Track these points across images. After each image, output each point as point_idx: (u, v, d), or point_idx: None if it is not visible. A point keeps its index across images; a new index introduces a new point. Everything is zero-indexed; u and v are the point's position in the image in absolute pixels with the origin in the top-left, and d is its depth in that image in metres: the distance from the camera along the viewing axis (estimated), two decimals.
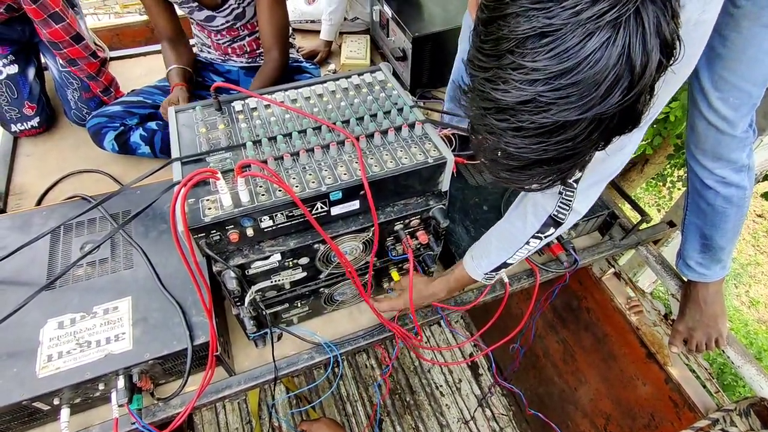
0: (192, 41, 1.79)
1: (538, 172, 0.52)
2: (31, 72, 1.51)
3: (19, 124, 1.48)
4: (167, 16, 1.36)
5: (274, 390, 2.21)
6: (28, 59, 1.51)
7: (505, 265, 0.93)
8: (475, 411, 2.17)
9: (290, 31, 1.55)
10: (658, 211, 4.09)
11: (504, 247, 0.92)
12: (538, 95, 0.43)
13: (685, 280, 1.19)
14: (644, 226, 1.26)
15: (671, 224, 1.35)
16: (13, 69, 1.46)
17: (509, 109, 0.46)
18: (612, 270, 1.44)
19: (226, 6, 1.30)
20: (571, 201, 0.81)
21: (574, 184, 0.79)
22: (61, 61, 1.46)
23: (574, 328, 1.68)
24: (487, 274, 0.95)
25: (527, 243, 0.89)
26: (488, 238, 0.95)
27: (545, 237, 0.88)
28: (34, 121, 1.50)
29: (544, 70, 0.42)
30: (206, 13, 1.32)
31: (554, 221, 0.85)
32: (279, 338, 1.03)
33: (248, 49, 1.50)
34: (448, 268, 1.15)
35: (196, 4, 1.29)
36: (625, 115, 0.46)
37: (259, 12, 1.28)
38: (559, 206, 0.83)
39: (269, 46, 1.31)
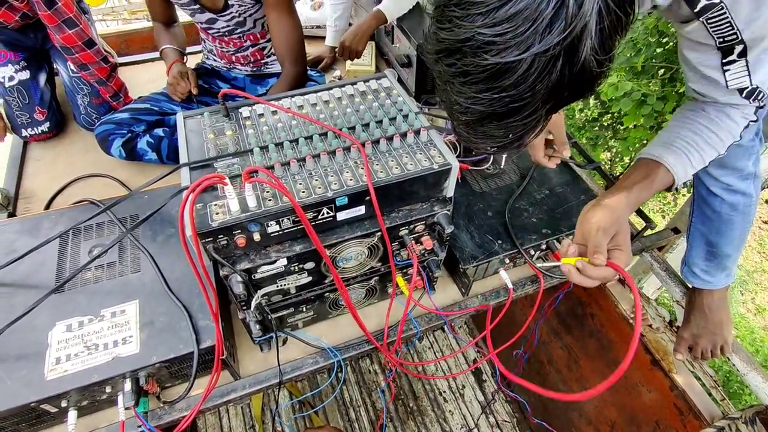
0: (198, 47, 1.81)
1: (491, 129, 0.53)
2: (42, 78, 1.54)
3: (29, 129, 1.51)
4: (165, 5, 1.42)
5: (278, 395, 2.21)
6: (39, 65, 1.54)
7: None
8: (479, 418, 2.16)
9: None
10: (663, 217, 4.08)
11: (716, 142, 0.81)
12: (477, 32, 0.45)
13: (690, 287, 1.19)
14: (649, 232, 1.26)
15: (676, 231, 1.35)
16: (25, 75, 1.49)
17: (454, 51, 0.47)
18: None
19: (227, 12, 1.32)
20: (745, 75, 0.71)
21: (737, 59, 0.69)
22: (72, 67, 1.49)
23: (579, 335, 1.67)
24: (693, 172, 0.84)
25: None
26: (688, 131, 0.82)
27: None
28: (44, 126, 1.52)
29: (481, 3, 0.44)
30: (208, 15, 1.34)
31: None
32: (284, 342, 1.04)
33: (252, 59, 1.52)
34: (452, 273, 1.16)
35: (198, 6, 1.31)
36: (573, 70, 0.47)
37: (271, 30, 1.31)
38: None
39: (281, 59, 1.34)
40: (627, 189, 0.80)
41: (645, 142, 2.63)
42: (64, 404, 0.83)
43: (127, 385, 0.83)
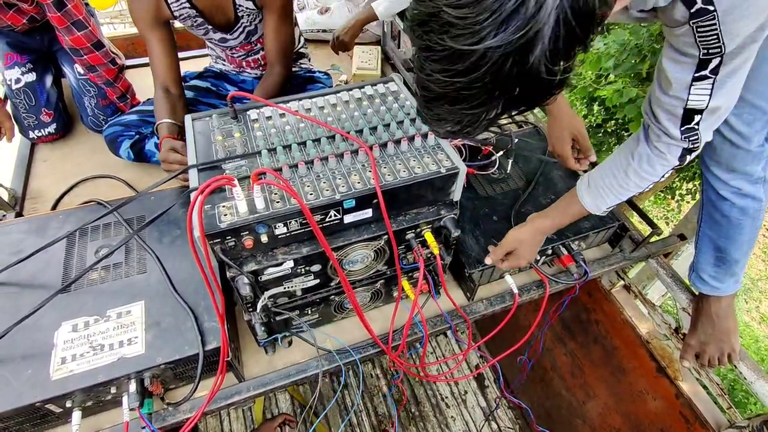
0: (205, 51, 1.82)
1: (443, 112, 0.56)
2: (49, 80, 1.55)
3: (36, 131, 1.52)
4: (169, 62, 1.28)
5: (279, 398, 2.20)
6: (45, 67, 1.55)
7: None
8: (482, 425, 2.15)
9: (300, 44, 1.58)
10: (667, 224, 4.06)
11: (631, 185, 0.90)
12: (443, 10, 0.46)
13: (697, 293, 1.18)
14: (655, 238, 1.25)
15: (682, 237, 1.34)
16: (31, 77, 1.50)
17: (423, 23, 0.49)
18: (621, 282, 1.43)
19: (239, 26, 1.33)
20: (705, 96, 0.74)
21: (710, 75, 0.71)
22: (79, 69, 1.50)
23: (583, 341, 1.66)
24: (609, 208, 0.96)
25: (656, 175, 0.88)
26: (609, 172, 0.93)
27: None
28: (51, 128, 1.53)
29: None
30: (220, 35, 1.35)
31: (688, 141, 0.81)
32: (289, 344, 1.03)
33: (262, 62, 1.52)
34: (458, 278, 1.16)
35: (210, 27, 1.32)
36: (522, 71, 0.48)
37: (265, 28, 1.30)
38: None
39: (273, 61, 1.33)
40: (549, 216, 1.02)
41: None
42: (68, 404, 0.83)
43: (132, 386, 0.83)
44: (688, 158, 0.84)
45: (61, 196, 1.37)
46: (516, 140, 1.30)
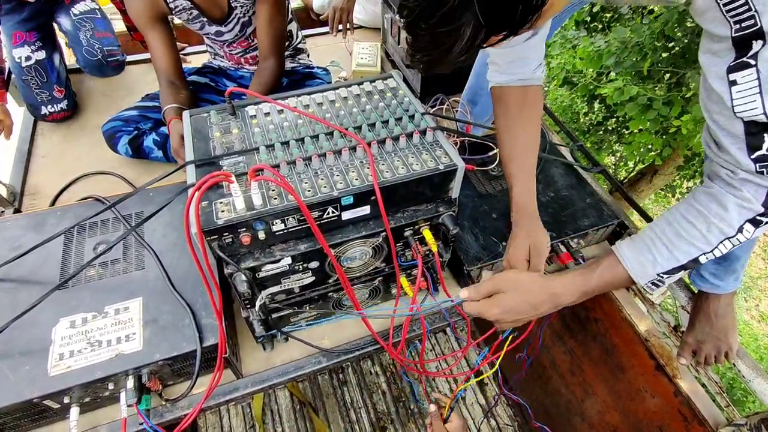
0: (203, 47, 1.82)
1: (422, 37, 0.55)
2: (57, 58, 1.58)
3: (50, 107, 1.55)
4: (170, 58, 1.29)
5: (278, 395, 2.20)
6: (53, 46, 1.58)
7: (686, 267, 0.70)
8: (480, 422, 2.15)
9: (298, 39, 1.57)
10: None
11: (696, 237, 0.68)
12: None
13: (696, 291, 1.18)
14: None
15: None
16: (41, 54, 1.52)
17: None
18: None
19: (233, 17, 1.32)
20: None
21: (749, 62, 0.53)
22: (77, 9, 1.53)
23: (582, 339, 1.66)
24: (662, 274, 0.72)
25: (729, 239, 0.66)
26: (663, 220, 0.72)
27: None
28: (64, 104, 1.57)
29: None
30: (215, 28, 1.35)
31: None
32: (286, 339, 1.03)
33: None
34: (456, 275, 1.16)
35: (205, 19, 1.31)
36: None
37: (258, 19, 1.30)
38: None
39: (266, 54, 1.32)
40: (577, 275, 0.78)
41: (650, 146, 2.63)
42: (66, 401, 0.82)
43: (130, 383, 0.83)
44: None
45: (60, 192, 1.37)
46: None
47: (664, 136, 2.43)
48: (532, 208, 0.95)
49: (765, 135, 0.56)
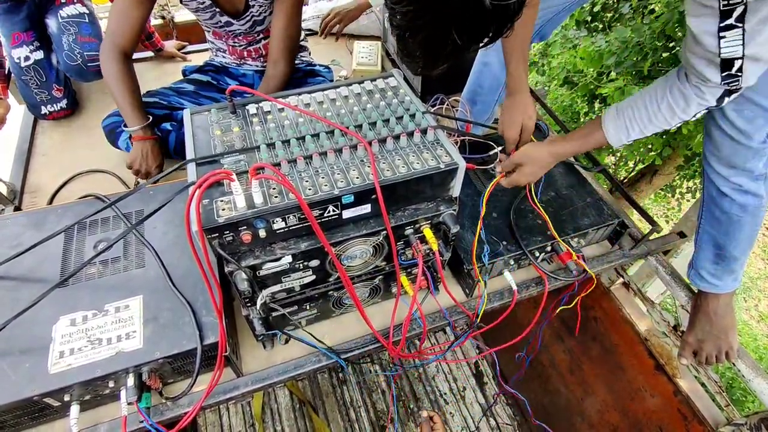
0: (205, 45, 1.81)
1: (410, 45, 0.64)
2: (54, 58, 1.58)
3: (49, 106, 1.56)
4: (138, 25, 1.22)
5: (278, 394, 2.21)
6: (50, 46, 1.57)
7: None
8: (479, 421, 2.16)
9: (300, 37, 1.57)
10: (667, 222, 4.06)
11: (660, 120, 0.89)
12: None
13: (696, 291, 1.18)
14: (654, 236, 1.25)
15: (681, 235, 1.34)
16: (39, 54, 1.53)
17: None
18: (621, 280, 1.43)
19: (248, 14, 1.32)
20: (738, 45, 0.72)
21: (736, 24, 0.70)
22: (64, 12, 1.51)
23: (582, 338, 1.66)
24: (629, 141, 0.95)
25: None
26: (641, 103, 0.91)
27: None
28: (63, 103, 1.58)
29: None
30: (227, 18, 1.34)
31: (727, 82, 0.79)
32: (287, 341, 1.03)
33: (264, 53, 1.52)
34: (456, 274, 1.16)
35: (218, 9, 1.31)
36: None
37: (274, 22, 1.29)
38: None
39: (277, 57, 1.31)
40: (567, 140, 1.04)
41: (650, 146, 2.63)
42: (66, 398, 0.83)
43: (130, 380, 0.83)
44: (727, 100, 0.82)
45: (58, 189, 1.37)
46: None
47: (663, 136, 2.43)
48: (524, 79, 1.14)
49: (736, 62, 0.74)
